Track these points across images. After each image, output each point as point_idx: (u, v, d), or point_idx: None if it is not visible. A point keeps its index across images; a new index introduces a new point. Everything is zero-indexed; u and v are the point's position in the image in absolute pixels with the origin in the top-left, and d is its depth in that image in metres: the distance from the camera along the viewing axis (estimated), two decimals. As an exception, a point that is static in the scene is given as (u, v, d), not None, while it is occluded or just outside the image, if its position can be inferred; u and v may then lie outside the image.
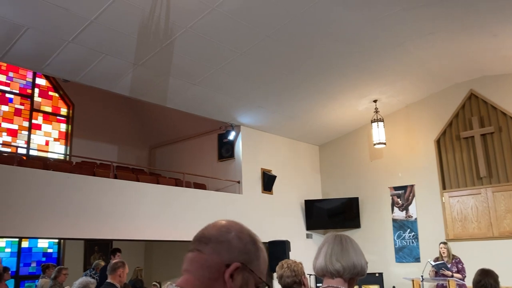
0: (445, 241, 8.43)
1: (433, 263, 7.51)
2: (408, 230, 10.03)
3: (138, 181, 8.40)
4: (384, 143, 9.92)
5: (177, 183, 9.33)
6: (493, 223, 9.01)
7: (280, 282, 3.04)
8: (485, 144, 9.28)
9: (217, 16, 6.12)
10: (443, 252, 7.61)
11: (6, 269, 6.70)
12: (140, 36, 6.38)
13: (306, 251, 8.36)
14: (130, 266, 8.45)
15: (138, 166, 10.76)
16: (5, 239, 8.84)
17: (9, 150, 9.12)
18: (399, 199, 10.28)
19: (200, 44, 6.76)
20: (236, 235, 1.10)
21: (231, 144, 9.81)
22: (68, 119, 10.58)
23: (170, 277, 9.87)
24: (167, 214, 8.10)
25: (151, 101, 8.40)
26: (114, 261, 4.60)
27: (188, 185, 9.35)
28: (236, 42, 6.86)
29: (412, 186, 10.13)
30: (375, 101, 9.75)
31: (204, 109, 8.90)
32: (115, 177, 8.30)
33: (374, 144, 9.96)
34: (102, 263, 7.85)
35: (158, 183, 8.77)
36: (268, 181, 10.01)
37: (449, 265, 7.40)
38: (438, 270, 7.37)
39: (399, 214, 10.23)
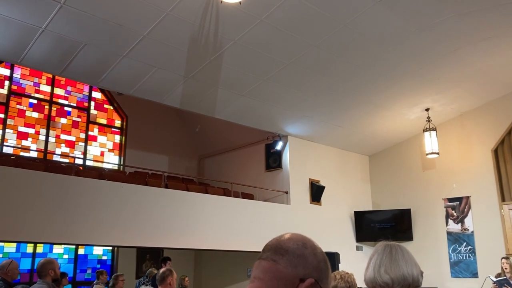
0: (507, 256, 7.98)
1: (495, 279, 7.11)
2: (464, 243, 9.60)
3: (188, 190, 8.55)
4: (437, 153, 9.58)
5: (226, 192, 9.42)
6: (558, 237, 8.45)
7: None
8: (548, 154, 8.75)
9: (264, 27, 6.18)
10: (506, 268, 7.19)
11: (64, 274, 7.01)
12: (190, 50, 6.55)
13: (356, 263, 8.17)
14: (179, 274, 8.60)
15: (187, 176, 10.97)
16: (63, 246, 9.26)
17: (67, 160, 9.57)
18: (453, 211, 9.86)
19: (247, 56, 6.84)
20: (312, 251, 1.11)
21: (279, 154, 9.81)
22: (122, 131, 10.98)
23: (217, 286, 9.94)
24: (215, 223, 8.19)
25: (200, 112, 8.57)
26: (162, 270, 4.67)
27: (236, 195, 9.42)
28: (283, 52, 6.89)
29: (467, 197, 9.70)
30: (427, 109, 9.46)
31: (252, 119, 8.97)
32: (166, 186, 8.49)
33: (427, 154, 9.64)
34: (155, 271, 8.02)
35: (207, 192, 8.89)
36: (316, 192, 9.91)
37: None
38: (501, 286, 6.97)
39: (454, 227, 9.81)
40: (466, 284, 9.24)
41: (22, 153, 9.17)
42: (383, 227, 10.39)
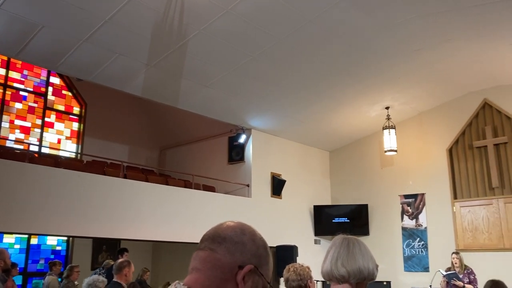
0: (457, 251, 8.32)
1: (445, 273, 7.40)
2: (418, 239, 9.93)
3: (148, 181, 8.42)
4: (395, 151, 9.84)
5: (186, 184, 9.34)
6: (504, 234, 8.87)
7: (286, 286, 3.03)
8: (498, 154, 9.16)
9: (230, 18, 6.12)
10: (455, 262, 7.50)
11: (14, 265, 6.75)
12: (154, 37, 6.41)
13: (314, 256, 8.30)
14: (136, 266, 8.47)
15: (148, 166, 10.80)
16: (14, 236, 8.91)
17: (21, 147, 9.21)
18: (409, 208, 10.18)
19: (213, 46, 6.77)
20: (251, 237, 1.09)
21: (242, 147, 9.81)
22: (81, 118, 10.66)
23: (176, 278, 9.85)
24: (175, 215, 8.11)
25: (162, 102, 8.44)
26: (120, 260, 4.61)
27: (197, 187, 9.36)
28: (249, 45, 6.86)
29: (422, 194, 10.03)
30: (387, 107, 9.68)
31: (216, 111, 8.91)
32: (125, 177, 8.33)
33: (385, 151, 9.88)
34: (112, 262, 7.86)
35: (167, 184, 8.78)
36: (277, 185, 9.98)
37: (461, 276, 7.30)
38: (450, 280, 7.26)
39: (409, 223, 10.12)
40: (417, 278, 9.57)
41: (-28, 138, 8.75)
42: (341, 221, 10.59)
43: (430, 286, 7.16)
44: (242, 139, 9.70)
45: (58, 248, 9.79)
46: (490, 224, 9.07)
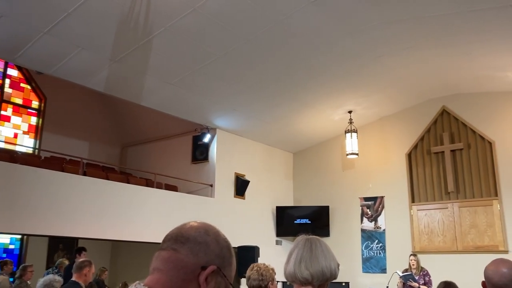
0: (415, 253, 8.58)
1: (401, 274, 7.62)
2: (376, 241, 10.16)
3: (108, 179, 8.24)
4: (357, 154, 10.03)
5: (148, 183, 9.19)
6: (458, 237, 9.21)
7: (247, 283, 3.03)
8: (454, 160, 9.50)
9: (197, 17, 6.08)
10: (413, 264, 7.73)
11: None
12: (118, 32, 6.28)
13: (275, 257, 8.34)
14: (95, 266, 8.27)
15: (108, 164, 10.55)
16: (-36, 233, 8.52)
17: (-26, 140, 8.81)
18: (368, 210, 10.40)
19: (178, 44, 6.70)
20: (215, 238, 1.08)
21: (206, 146, 9.75)
22: (39, 112, 10.31)
23: (135, 278, 9.68)
24: (136, 214, 7.97)
25: (125, 98, 8.28)
26: (81, 259, 4.49)
27: (159, 186, 9.23)
28: (216, 44, 6.83)
29: (382, 197, 10.28)
30: (350, 112, 9.87)
31: (180, 110, 8.82)
32: (84, 174, 8.12)
33: (347, 155, 10.06)
34: (66, 262, 7.65)
35: (128, 182, 8.62)
36: (241, 186, 9.98)
37: (416, 277, 7.52)
38: (406, 281, 7.47)
39: (368, 225, 10.35)
40: (375, 279, 9.79)
41: None
42: (303, 222, 10.70)
43: (387, 287, 7.34)
44: (206, 138, 9.64)
45: (11, 247, 9.42)
46: (445, 227, 9.39)
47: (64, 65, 6.87)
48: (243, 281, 8.99)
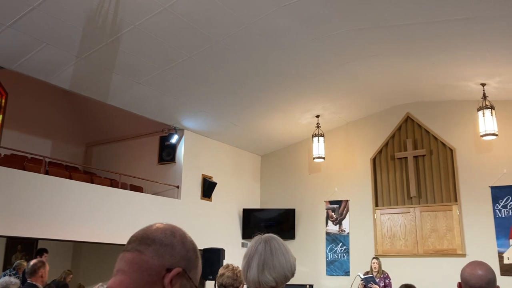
0: (377, 256, 8.77)
1: (363, 276, 7.78)
2: (340, 244, 10.31)
3: (71, 178, 8.04)
4: (323, 158, 10.16)
5: (113, 183, 9.03)
6: (418, 241, 9.46)
7: (218, 280, 2.99)
8: (417, 166, 9.76)
9: (168, 16, 6.02)
10: (374, 267, 7.91)
11: None
12: (86, 29, 6.15)
13: (240, 260, 8.34)
14: (56, 268, 8.04)
15: (72, 163, 10.30)
16: None
17: None
18: (333, 213, 10.55)
19: (148, 43, 6.62)
20: (181, 240, 1.06)
21: (173, 147, 9.65)
22: (0, 108, 9.95)
23: (99, 280, 9.47)
24: (99, 215, 7.80)
25: (91, 96, 8.10)
26: (33, 262, 4.35)
27: (124, 186, 9.08)
28: (185, 44, 6.78)
29: (347, 201, 10.44)
30: (317, 116, 9.99)
31: (147, 109, 8.71)
32: (47, 173, 7.90)
33: (314, 158, 10.18)
34: (25, 264, 7.40)
35: (92, 182, 8.44)
36: (208, 188, 9.93)
37: (377, 280, 7.69)
38: (367, 283, 7.64)
39: (333, 228, 10.49)
40: (338, 282, 9.94)
41: None
42: (269, 225, 10.75)
43: (350, 289, 7.47)
44: (174, 139, 9.55)
45: (-34, 247, 9.05)
46: (407, 231, 9.63)
47: (28, 61, 6.67)
48: (208, 283, 8.94)
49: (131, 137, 10.47)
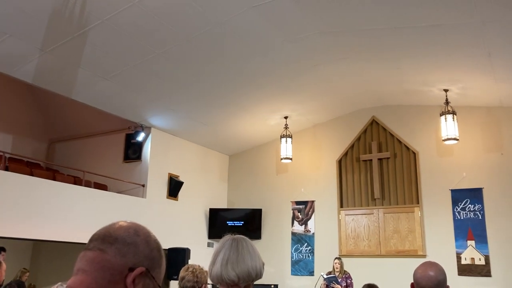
0: (339, 256, 8.92)
1: (326, 276, 7.90)
2: (306, 244, 10.42)
3: (32, 175, 7.80)
4: (291, 159, 10.24)
5: (76, 181, 8.81)
6: (381, 242, 9.67)
7: (180, 284, 2.98)
8: (381, 168, 9.98)
9: (137, 11, 5.93)
10: (337, 267, 8.05)
11: None
12: (51, 21, 5.98)
13: (206, 259, 8.28)
14: (14, 267, 7.78)
15: (34, 159, 9.98)
16: None
17: None
18: (299, 214, 10.65)
19: (115, 39, 6.50)
20: (144, 239, 1.05)
21: (139, 145, 9.51)
22: (-43, 101, 9.55)
23: (58, 280, 9.23)
24: (61, 213, 7.59)
25: (56, 91, 7.87)
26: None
27: (88, 184, 8.87)
28: (155, 41, 6.70)
29: (312, 202, 10.56)
30: (286, 117, 10.06)
31: (114, 106, 8.54)
32: (7, 169, 7.63)
33: (281, 159, 10.24)
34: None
35: (54, 179, 8.21)
36: (174, 187, 9.83)
37: (339, 280, 7.83)
38: (329, 283, 7.76)
39: (298, 228, 10.59)
40: (303, 282, 10.04)
41: None
42: (235, 225, 10.75)
43: (314, 289, 7.57)
44: (140, 137, 9.41)
45: None
46: (370, 232, 9.83)
47: (-12, 52, 6.43)
48: (172, 283, 8.86)
49: (96, 134, 10.24)
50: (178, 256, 8.11)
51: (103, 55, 6.86)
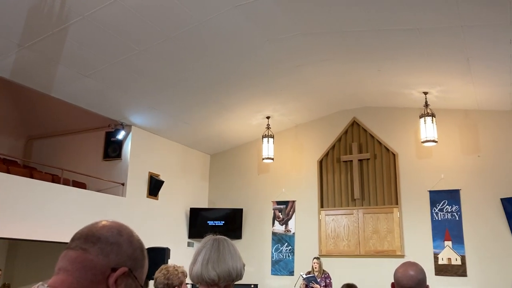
0: (318, 256, 8.98)
1: (305, 276, 7.94)
2: (286, 244, 10.45)
3: (9, 173, 7.63)
4: (272, 159, 10.27)
5: (54, 179, 8.66)
6: (361, 242, 9.77)
7: (154, 284, 2.98)
8: (361, 169, 10.08)
9: (119, 8, 5.86)
10: (315, 267, 8.11)
11: None
12: (30, 16, 5.86)
13: (186, 259, 8.24)
14: (-13, 267, 7.61)
15: (11, 156, 9.78)
16: None
17: None
18: (280, 213, 10.68)
19: (96, 35, 6.41)
20: (128, 239, 1.04)
21: (119, 144, 9.40)
22: None
23: (35, 279, 9.06)
24: (39, 212, 7.46)
25: (34, 88, 7.73)
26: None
27: (66, 182, 8.73)
28: (136, 38, 6.63)
29: (293, 202, 10.61)
30: (268, 117, 10.08)
31: (94, 103, 8.43)
32: (-18, 166, 7.46)
33: (263, 159, 10.26)
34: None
35: (32, 177, 8.05)
36: (155, 186, 9.76)
37: (318, 279, 7.88)
38: (308, 283, 7.81)
39: (279, 228, 10.62)
40: (283, 281, 10.07)
41: None
42: (216, 224, 10.72)
43: (294, 288, 7.60)
44: (120, 135, 9.30)
45: None
46: (350, 232, 9.91)
47: (-36, 46, 6.27)
48: (151, 283, 8.79)
49: (75, 132, 10.09)
50: (158, 256, 8.04)
51: (83, 51, 6.77)
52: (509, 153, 8.87)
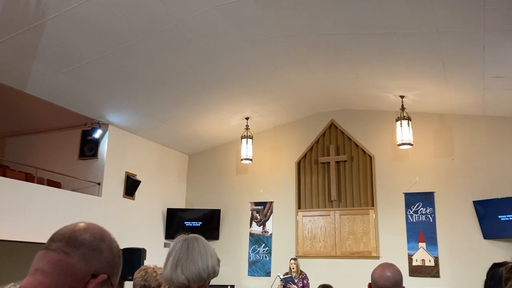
0: (295, 257, 9.03)
1: (282, 277, 7.98)
2: (263, 244, 10.47)
3: (-20, 171, 7.45)
4: (251, 160, 10.28)
5: (28, 178, 8.48)
6: (337, 243, 9.86)
7: (133, 285, 2.94)
8: (338, 171, 10.18)
9: (96, 5, 5.78)
10: (293, 268, 8.16)
11: None
12: (5, 11, 5.73)
13: (163, 260, 8.16)
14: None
15: (-18, 154, 9.55)
16: None
17: None
18: (258, 214, 10.70)
19: (74, 32, 6.30)
20: (109, 245, 1.04)
21: (96, 142, 9.27)
22: None
23: (6, 281, 8.84)
24: (11, 211, 7.29)
25: (8, 84, 7.55)
26: None
27: (40, 181, 8.56)
28: (114, 36, 6.55)
29: (271, 203, 10.64)
30: (247, 118, 10.09)
31: (70, 101, 8.29)
32: (-48, 164, 7.25)
33: (241, 160, 10.26)
34: None
35: (4, 175, 7.87)
36: (131, 186, 9.65)
37: (296, 280, 7.92)
38: (286, 284, 7.84)
39: (257, 229, 10.64)
40: (259, 282, 10.09)
41: None
42: (193, 225, 10.67)
43: (270, 289, 7.62)
44: (97, 134, 9.17)
45: None
46: (326, 234, 10.00)
47: None
48: (127, 284, 8.68)
49: (51, 130, 9.90)
50: (134, 256, 7.97)
51: (60, 48, 6.65)
52: (482, 157, 9.09)
